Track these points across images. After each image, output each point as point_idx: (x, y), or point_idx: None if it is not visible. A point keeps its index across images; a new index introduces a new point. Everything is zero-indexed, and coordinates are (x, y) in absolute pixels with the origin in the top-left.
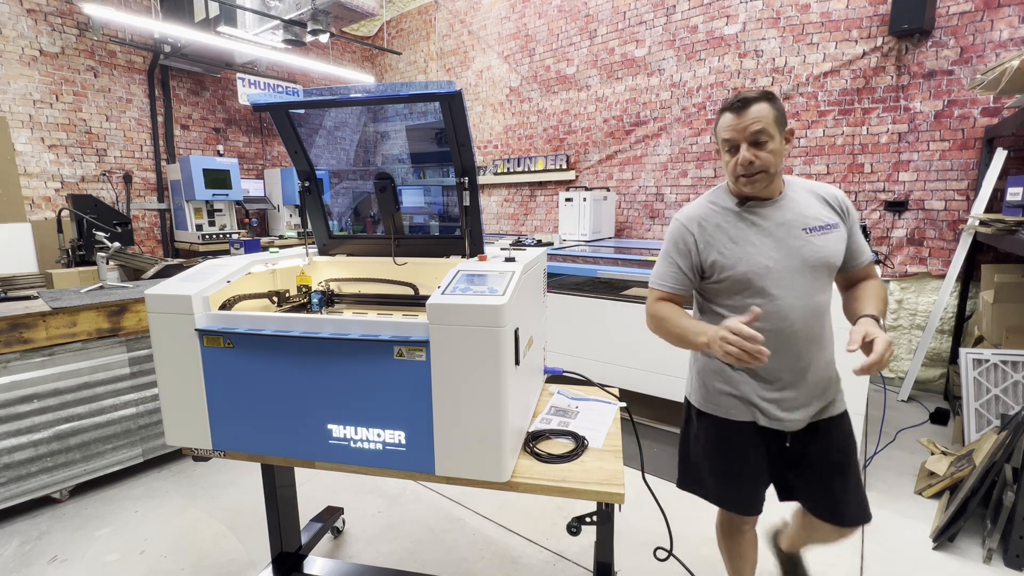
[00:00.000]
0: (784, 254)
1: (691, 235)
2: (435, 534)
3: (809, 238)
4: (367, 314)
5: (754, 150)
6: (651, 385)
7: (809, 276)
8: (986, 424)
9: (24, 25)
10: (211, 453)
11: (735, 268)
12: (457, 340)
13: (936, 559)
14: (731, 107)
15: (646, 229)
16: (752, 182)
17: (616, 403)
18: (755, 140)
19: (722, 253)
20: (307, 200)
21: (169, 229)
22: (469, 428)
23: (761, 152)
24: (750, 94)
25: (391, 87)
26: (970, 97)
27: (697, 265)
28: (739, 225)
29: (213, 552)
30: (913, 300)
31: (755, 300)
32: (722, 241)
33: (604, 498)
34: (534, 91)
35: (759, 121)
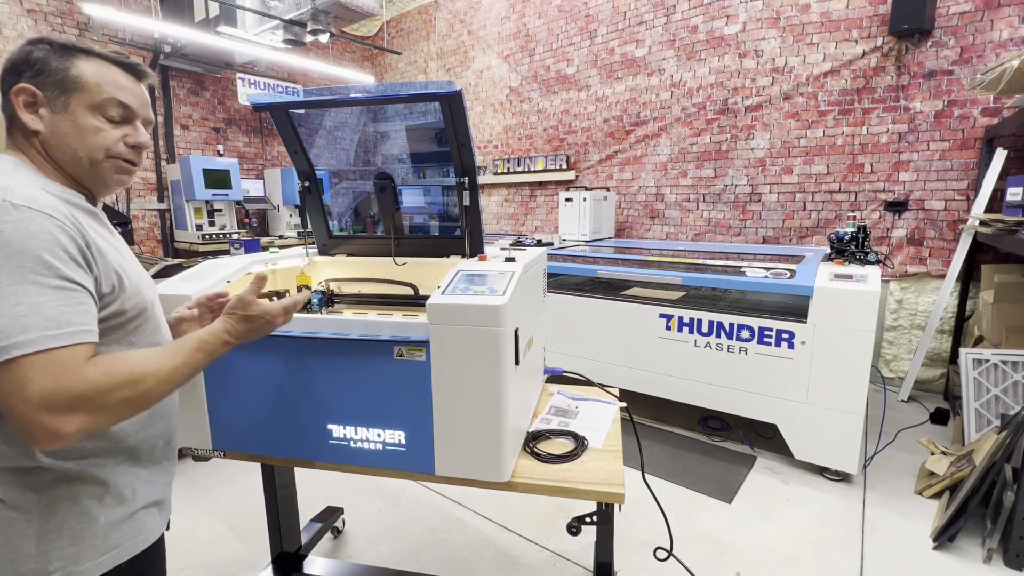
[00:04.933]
0: (150, 280)
1: (79, 235)
2: (435, 534)
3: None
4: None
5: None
6: (651, 385)
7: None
8: (986, 424)
9: (24, 25)
10: (211, 453)
11: (141, 292)
12: (457, 340)
13: (936, 559)
14: (127, 66)
15: (646, 229)
16: (131, 175)
17: (616, 403)
18: (147, 124)
19: (123, 269)
20: (307, 200)
21: (169, 229)
22: (469, 428)
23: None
24: (143, 65)
25: (391, 87)
26: (970, 97)
27: (96, 287)
28: (102, 232)
29: (213, 552)
30: (913, 300)
31: (155, 338)
32: (108, 248)
33: (604, 498)
34: (534, 91)
35: (149, 104)
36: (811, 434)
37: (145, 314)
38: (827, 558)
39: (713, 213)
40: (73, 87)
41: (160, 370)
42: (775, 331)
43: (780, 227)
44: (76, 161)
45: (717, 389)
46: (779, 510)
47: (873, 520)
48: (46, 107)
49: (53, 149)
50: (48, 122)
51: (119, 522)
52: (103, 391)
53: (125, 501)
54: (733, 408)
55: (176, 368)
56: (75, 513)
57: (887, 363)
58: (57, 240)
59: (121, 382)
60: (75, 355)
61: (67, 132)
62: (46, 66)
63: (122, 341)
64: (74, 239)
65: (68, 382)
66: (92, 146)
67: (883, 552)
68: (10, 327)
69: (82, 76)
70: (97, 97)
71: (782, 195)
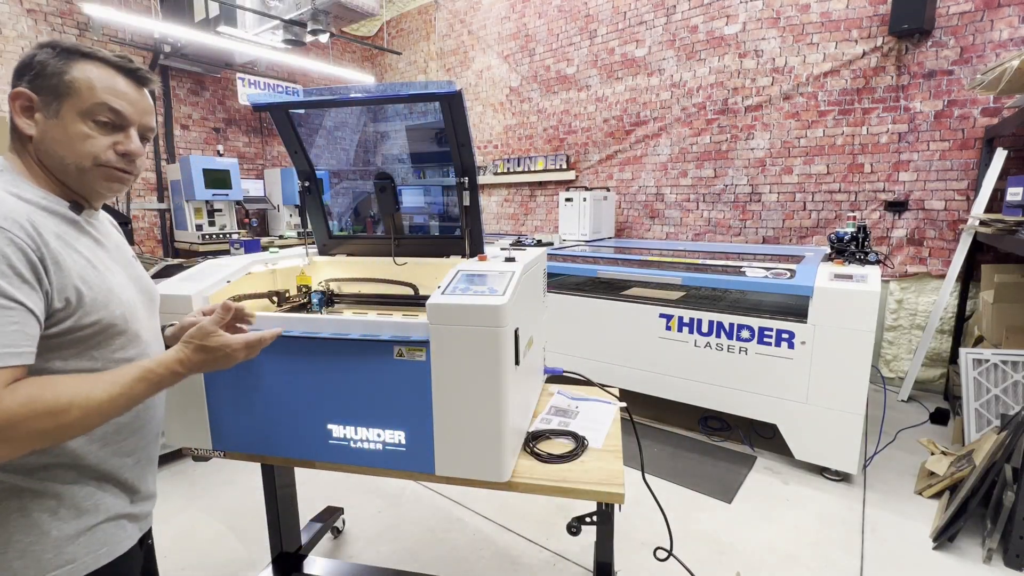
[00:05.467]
0: (138, 287)
1: (31, 246)
2: (435, 534)
3: (138, 264)
4: (367, 314)
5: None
6: (651, 385)
7: (155, 314)
8: (986, 424)
9: (24, 25)
10: (211, 453)
11: (108, 307)
12: (457, 340)
13: (936, 559)
14: (129, 71)
15: (646, 229)
16: (125, 184)
17: (616, 403)
18: (146, 132)
19: (87, 283)
20: (307, 200)
21: (169, 229)
22: (469, 428)
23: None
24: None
25: (391, 87)
26: (970, 97)
27: (46, 303)
28: (84, 241)
29: (213, 552)
30: (913, 300)
31: (124, 354)
32: (80, 264)
33: (604, 498)
34: (534, 91)
35: (152, 111)
36: (811, 434)
37: (112, 329)
38: (827, 558)
39: (713, 213)
40: (66, 92)
41: (90, 401)
42: (775, 331)
43: (780, 227)
44: (64, 168)
45: (717, 389)
46: (779, 510)
47: (873, 520)
48: (40, 112)
49: (43, 155)
50: (40, 127)
51: (75, 536)
52: (15, 421)
53: (85, 514)
54: (733, 408)
55: (110, 399)
56: (23, 526)
57: (887, 363)
58: (2, 254)
59: (40, 412)
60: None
61: (56, 138)
62: (44, 69)
63: (82, 356)
64: (24, 252)
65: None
66: (80, 153)
67: (883, 552)
68: None
69: (75, 81)
70: (88, 102)
71: (782, 195)
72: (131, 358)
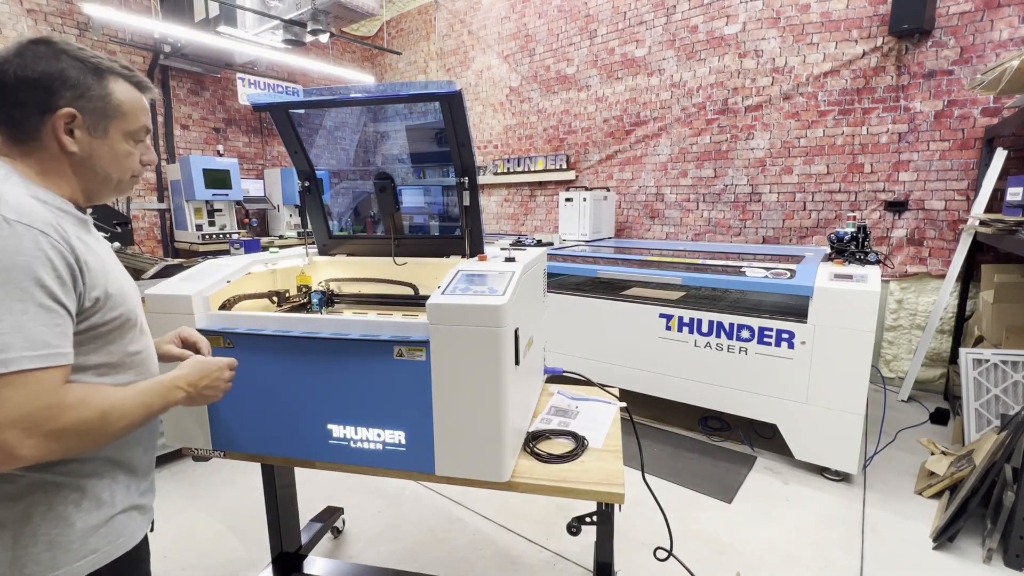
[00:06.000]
0: (133, 285)
1: (67, 249)
2: (435, 534)
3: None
4: (367, 314)
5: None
6: (651, 385)
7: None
8: (986, 424)
9: (24, 25)
10: (211, 453)
11: (125, 302)
12: (457, 340)
13: (936, 559)
14: (142, 86)
15: (646, 229)
16: (135, 186)
17: (616, 403)
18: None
19: (108, 279)
20: (307, 200)
21: (169, 229)
22: (469, 428)
23: None
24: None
25: (391, 87)
26: (970, 97)
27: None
28: (92, 240)
29: (213, 552)
30: (913, 300)
31: (135, 347)
32: (96, 260)
33: (604, 498)
34: (534, 91)
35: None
36: (811, 434)
37: (128, 323)
38: (827, 558)
39: (713, 213)
40: (114, 114)
41: (125, 408)
42: (775, 331)
43: (780, 227)
44: (105, 181)
45: (717, 389)
46: (779, 510)
47: (873, 520)
48: (84, 131)
49: (83, 169)
50: (86, 145)
51: (97, 526)
52: (75, 421)
53: (103, 505)
54: (733, 408)
55: (134, 408)
56: (50, 519)
57: (887, 363)
58: (47, 257)
59: (93, 413)
60: (52, 378)
61: (104, 156)
62: (87, 90)
63: (100, 350)
64: (63, 256)
65: (44, 406)
66: (125, 169)
67: (883, 552)
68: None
69: (122, 104)
70: (133, 125)
71: (782, 195)
72: (139, 351)
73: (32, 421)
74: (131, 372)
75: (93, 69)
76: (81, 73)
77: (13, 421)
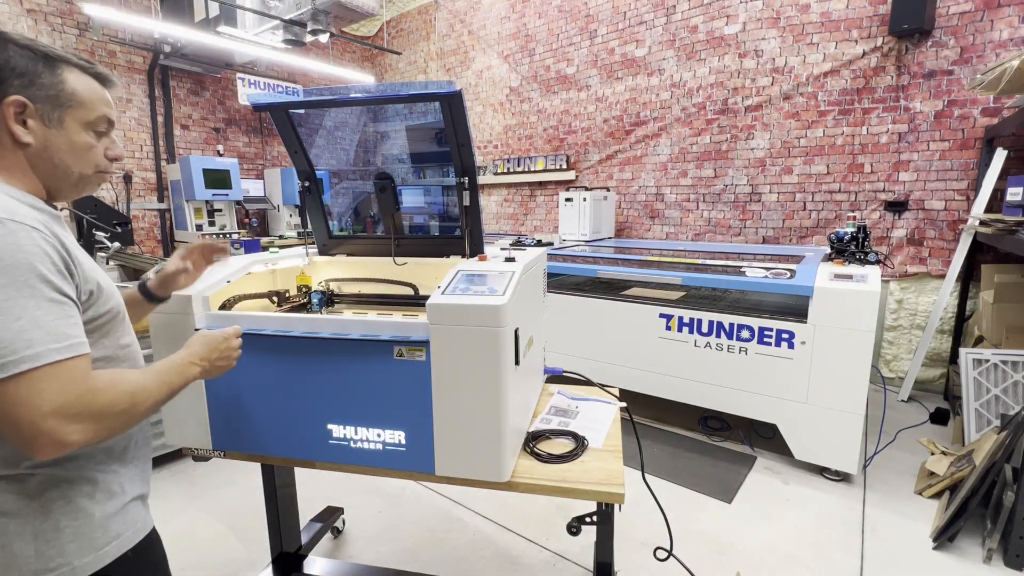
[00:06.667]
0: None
1: (60, 245)
2: (435, 534)
3: None
4: (367, 314)
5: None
6: (651, 385)
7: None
8: (986, 424)
9: (24, 25)
10: (211, 453)
11: (114, 295)
12: (457, 340)
13: (936, 559)
14: (102, 77)
15: (646, 229)
16: (103, 183)
17: (616, 403)
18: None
19: (97, 273)
20: (307, 200)
21: (169, 229)
22: (469, 428)
23: None
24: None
25: (391, 87)
26: (970, 97)
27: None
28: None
29: (213, 552)
30: (913, 300)
31: (124, 340)
32: (83, 256)
33: (604, 498)
34: (534, 91)
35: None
36: (811, 434)
37: (119, 316)
38: (827, 558)
39: (713, 213)
40: (68, 103)
41: (148, 389)
42: (775, 331)
43: (780, 227)
44: (65, 175)
45: (717, 389)
46: (779, 510)
47: (873, 520)
48: (37, 120)
49: (41, 162)
50: (40, 136)
51: (114, 514)
52: (109, 403)
53: (115, 495)
54: (733, 408)
55: (157, 388)
56: (69, 512)
57: (887, 363)
58: (45, 252)
59: (123, 395)
60: (80, 366)
61: (61, 147)
62: (37, 77)
63: (95, 344)
64: (58, 250)
65: (79, 392)
66: (86, 162)
67: (883, 552)
68: (15, 341)
69: (77, 92)
70: (92, 115)
71: (782, 195)
72: (129, 344)
73: (72, 408)
74: (125, 365)
75: (43, 57)
76: (29, 62)
77: (54, 410)
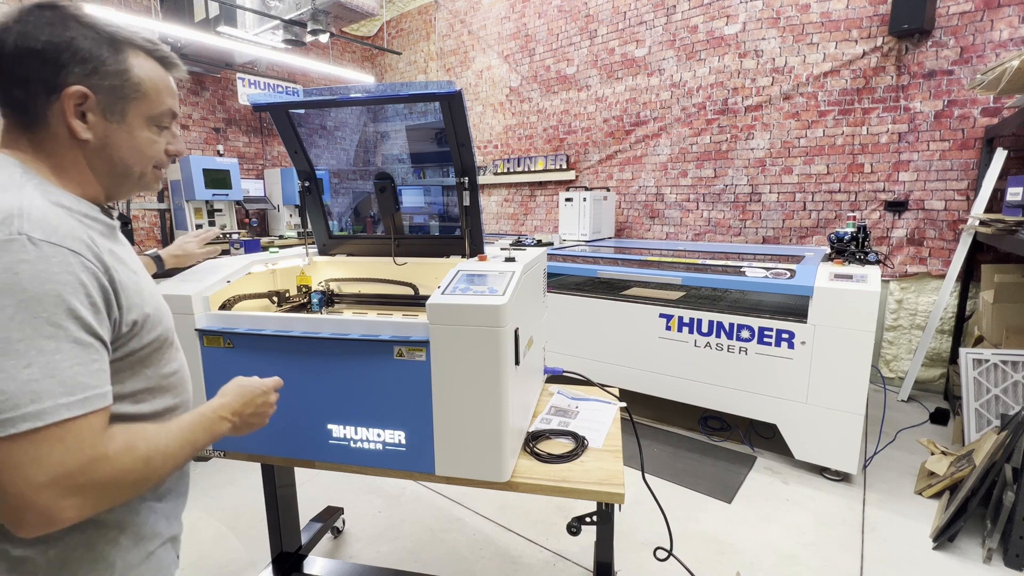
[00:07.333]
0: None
1: (101, 269)
2: (435, 534)
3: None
4: (367, 314)
5: None
6: (651, 385)
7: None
8: (986, 424)
9: None
10: (211, 453)
11: (162, 321)
12: (457, 340)
13: (936, 559)
14: (167, 61)
15: (646, 229)
16: (160, 180)
17: (616, 403)
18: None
19: (143, 298)
20: (307, 200)
21: (169, 229)
22: (469, 428)
23: None
24: (175, 56)
25: (391, 87)
26: (970, 97)
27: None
28: (120, 248)
29: (213, 552)
30: (913, 300)
31: (170, 367)
32: (130, 277)
33: (604, 498)
34: (534, 91)
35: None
36: (811, 434)
37: (165, 343)
38: (827, 558)
39: (713, 213)
40: (133, 95)
41: (169, 449)
42: (775, 331)
43: (780, 227)
44: (125, 175)
45: (717, 389)
46: (779, 510)
47: (873, 520)
48: (97, 114)
49: (99, 160)
50: (100, 131)
51: (137, 564)
52: (118, 473)
53: (142, 540)
54: (733, 408)
55: (180, 447)
56: (88, 560)
57: (887, 363)
58: (80, 282)
59: (136, 462)
60: (92, 425)
61: (122, 144)
62: (101, 64)
63: (136, 376)
64: (97, 278)
65: (84, 460)
66: (147, 159)
67: (883, 552)
68: (19, 393)
69: (142, 83)
70: (156, 108)
71: (782, 195)
72: (176, 370)
73: (72, 479)
74: (168, 395)
75: (108, 40)
76: (94, 44)
77: (51, 481)
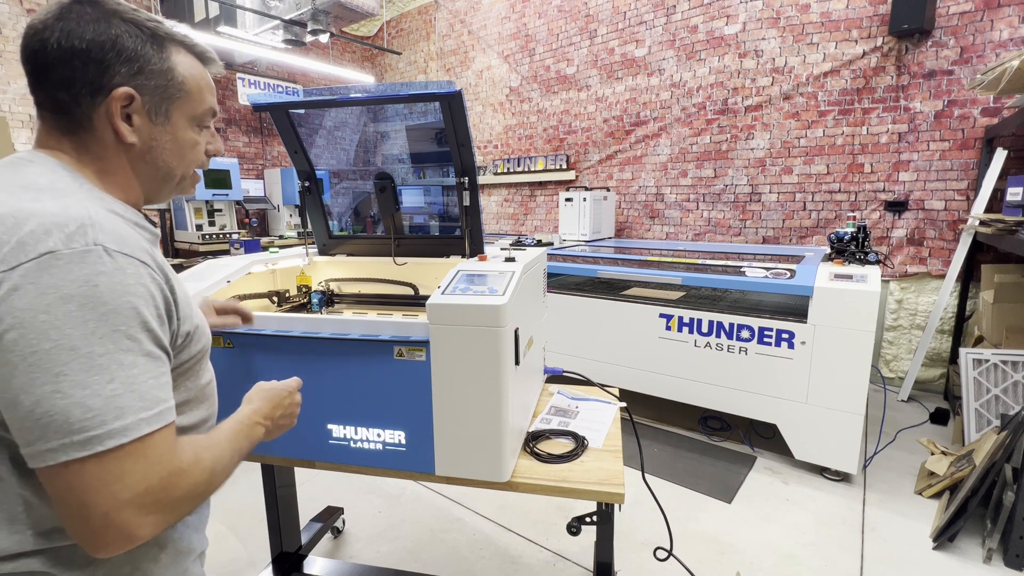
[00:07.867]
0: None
1: (164, 280)
2: (435, 534)
3: None
4: (367, 314)
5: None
6: (651, 385)
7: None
8: (986, 424)
9: (24, 25)
10: None
11: (206, 332)
12: (457, 340)
13: (936, 559)
14: (204, 56)
15: (646, 229)
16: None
17: (616, 403)
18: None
19: (191, 308)
20: (307, 200)
21: (169, 229)
22: (469, 428)
23: None
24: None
25: (391, 87)
26: (970, 97)
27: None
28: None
29: (213, 552)
30: (913, 300)
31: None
32: (182, 289)
33: (604, 498)
34: (534, 91)
35: None
36: (811, 434)
37: (206, 354)
38: (827, 558)
39: (713, 213)
40: (177, 94)
41: (223, 458)
42: (775, 331)
43: (780, 227)
44: (167, 178)
45: (717, 389)
46: (779, 510)
47: (873, 520)
48: (143, 116)
49: (143, 164)
50: (146, 134)
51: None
52: (191, 487)
53: (180, 556)
54: (733, 408)
55: (231, 456)
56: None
57: (887, 363)
58: (151, 294)
59: (204, 474)
60: (167, 439)
61: (166, 147)
62: (146, 63)
63: (179, 388)
64: (162, 289)
65: (163, 475)
66: (189, 161)
67: (883, 552)
68: (104, 409)
69: (185, 81)
70: (199, 107)
71: (782, 195)
72: (210, 380)
73: (153, 494)
74: (203, 406)
75: (151, 36)
76: (139, 42)
77: (134, 498)
